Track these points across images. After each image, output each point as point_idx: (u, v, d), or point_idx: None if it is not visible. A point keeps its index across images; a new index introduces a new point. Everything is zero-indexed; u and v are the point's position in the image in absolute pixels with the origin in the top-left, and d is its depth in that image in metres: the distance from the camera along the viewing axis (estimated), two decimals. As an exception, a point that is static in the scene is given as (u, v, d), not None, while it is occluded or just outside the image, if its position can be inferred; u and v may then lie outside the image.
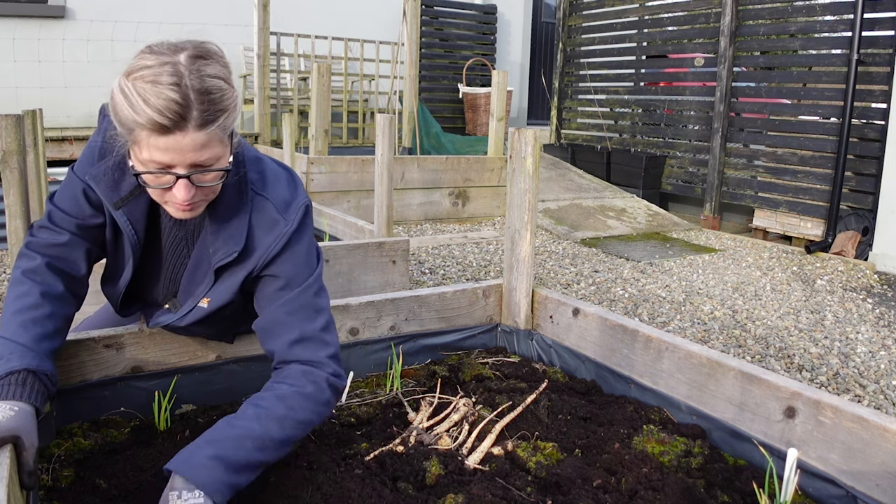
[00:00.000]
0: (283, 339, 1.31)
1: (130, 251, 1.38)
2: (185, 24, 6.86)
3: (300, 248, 1.34)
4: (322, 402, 1.28)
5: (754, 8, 5.49)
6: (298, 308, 1.32)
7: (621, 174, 6.49)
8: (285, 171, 1.43)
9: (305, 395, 1.25)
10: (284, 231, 1.32)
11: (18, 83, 6.21)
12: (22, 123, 2.09)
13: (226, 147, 1.19)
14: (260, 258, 1.32)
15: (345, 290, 2.72)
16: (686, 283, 3.85)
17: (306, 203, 1.37)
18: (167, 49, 1.13)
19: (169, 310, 1.49)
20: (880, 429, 1.23)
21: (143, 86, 1.07)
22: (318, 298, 1.36)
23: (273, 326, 1.33)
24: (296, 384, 1.26)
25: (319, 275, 1.38)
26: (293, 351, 1.30)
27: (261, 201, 1.33)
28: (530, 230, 1.98)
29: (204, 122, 1.10)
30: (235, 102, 1.18)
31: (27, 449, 1.09)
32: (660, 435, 1.49)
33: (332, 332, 1.36)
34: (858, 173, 4.78)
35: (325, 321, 1.35)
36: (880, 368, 2.72)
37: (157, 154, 1.11)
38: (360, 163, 5.00)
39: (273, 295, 1.34)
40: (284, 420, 1.20)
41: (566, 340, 1.93)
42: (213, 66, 1.14)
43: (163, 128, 1.08)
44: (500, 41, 9.13)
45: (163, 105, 1.06)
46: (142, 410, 1.55)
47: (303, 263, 1.35)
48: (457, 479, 1.34)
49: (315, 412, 1.26)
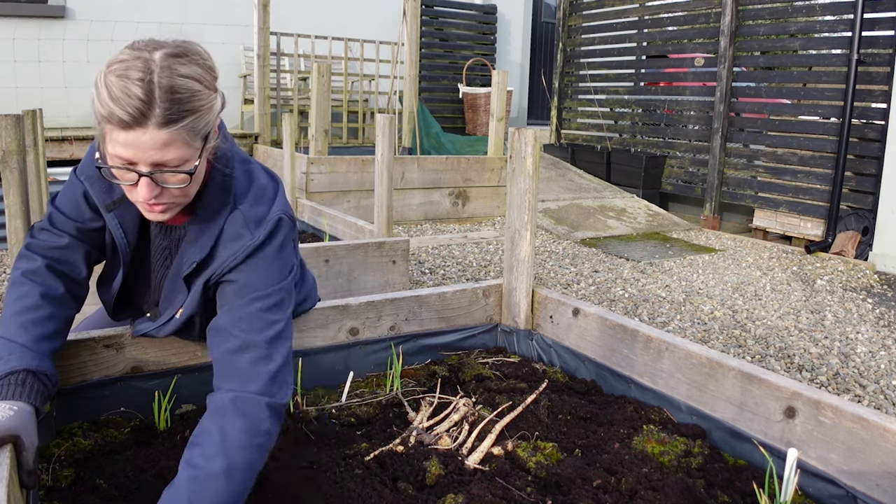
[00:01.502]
0: (223, 347, 1.23)
1: (120, 256, 1.38)
2: (185, 24, 6.86)
3: (263, 260, 1.28)
4: (261, 433, 1.15)
5: (754, 8, 5.49)
6: (247, 317, 1.24)
7: (621, 174, 6.49)
8: (271, 181, 1.39)
9: (241, 431, 1.12)
10: (248, 244, 1.27)
11: (18, 83, 6.21)
12: (22, 123, 2.09)
13: (194, 150, 1.15)
14: (218, 267, 1.29)
15: (345, 290, 2.72)
16: (686, 283, 3.85)
17: (279, 217, 1.31)
18: (146, 45, 1.12)
19: (149, 318, 1.49)
20: (880, 429, 1.23)
21: (113, 79, 1.07)
22: (273, 313, 1.27)
23: (218, 331, 1.25)
24: (229, 420, 1.13)
25: (283, 290, 1.30)
26: (231, 361, 1.21)
27: (235, 214, 1.29)
28: (530, 230, 1.98)
29: (167, 121, 1.08)
30: (210, 105, 1.14)
31: (27, 448, 1.09)
32: (660, 435, 1.49)
33: (280, 347, 1.25)
34: (858, 173, 4.78)
35: (274, 334, 1.25)
36: (880, 368, 2.72)
37: (119, 149, 1.10)
38: (360, 163, 5.00)
39: (225, 299, 1.28)
40: (229, 474, 1.07)
41: (566, 340, 1.93)
42: (189, 67, 1.11)
43: (123, 122, 1.06)
44: (500, 41, 9.13)
45: (125, 99, 1.05)
46: (142, 410, 1.55)
47: (264, 274, 1.28)
48: (457, 479, 1.34)
49: (255, 448, 1.13)
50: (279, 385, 1.22)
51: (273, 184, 1.39)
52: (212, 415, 1.15)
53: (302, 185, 4.80)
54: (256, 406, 1.17)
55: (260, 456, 1.14)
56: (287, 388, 1.24)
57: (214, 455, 1.08)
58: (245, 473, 1.11)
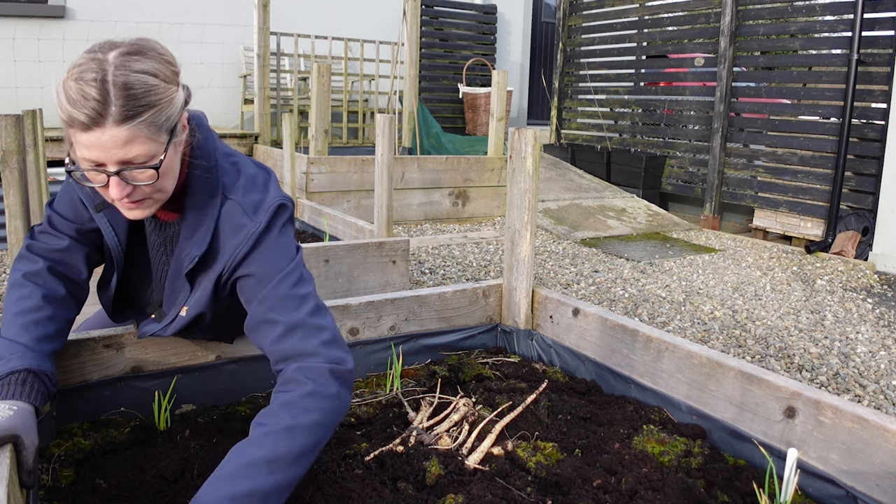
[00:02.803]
0: (269, 337, 1.25)
1: (113, 256, 1.38)
2: (184, 24, 6.86)
3: (271, 246, 1.29)
4: (328, 395, 1.18)
5: (754, 8, 5.49)
6: (278, 301, 1.26)
7: (621, 174, 6.49)
8: (261, 171, 1.39)
9: (307, 395, 1.16)
10: (252, 232, 1.27)
11: (18, 83, 6.21)
12: (22, 123, 2.09)
13: (158, 144, 1.13)
14: (227, 261, 1.28)
15: (345, 290, 2.72)
16: (686, 283, 3.85)
17: (279, 202, 1.31)
18: (102, 47, 1.12)
19: (154, 319, 1.49)
20: (880, 429, 1.23)
21: (70, 83, 1.07)
22: (299, 287, 1.28)
23: (257, 326, 1.27)
24: (294, 387, 1.18)
25: (298, 263, 1.31)
26: (283, 347, 1.24)
27: (229, 204, 1.29)
28: (530, 230, 1.98)
29: (124, 118, 1.07)
30: (170, 98, 1.13)
31: (27, 448, 1.09)
32: (660, 435, 1.49)
33: (323, 316, 1.28)
34: (858, 173, 4.78)
35: (312, 307, 1.27)
36: (880, 368, 2.72)
37: (84, 151, 1.10)
38: (360, 163, 5.00)
39: (251, 294, 1.29)
40: (292, 431, 1.12)
41: (566, 340, 1.93)
42: (145, 62, 1.11)
43: (83, 125, 1.07)
44: (500, 41, 9.13)
45: (81, 101, 1.05)
46: (142, 410, 1.55)
47: (276, 258, 1.29)
48: (457, 479, 1.34)
49: (323, 410, 1.17)
50: (337, 351, 1.24)
51: (263, 173, 1.38)
52: (281, 384, 1.20)
53: (302, 185, 4.80)
54: (320, 373, 1.20)
55: (328, 418, 1.17)
56: (346, 353, 1.26)
57: (278, 414, 1.13)
58: (308, 435, 1.13)
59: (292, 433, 1.12)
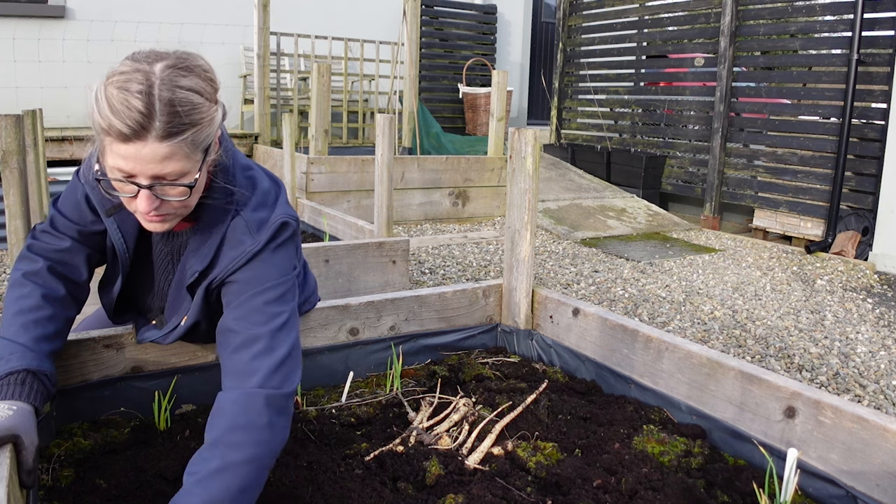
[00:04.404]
0: (228, 347, 1.21)
1: (119, 261, 1.38)
2: (184, 24, 6.86)
3: (263, 260, 1.28)
4: (259, 427, 1.12)
5: (754, 8, 5.49)
6: (247, 312, 1.23)
7: (621, 174, 6.49)
8: (274, 185, 1.38)
9: (236, 429, 1.10)
10: (249, 249, 1.27)
11: (18, 83, 6.21)
12: (22, 123, 2.09)
13: (194, 163, 1.14)
14: (220, 272, 1.28)
15: (345, 290, 2.72)
16: (686, 283, 3.85)
17: (281, 220, 1.30)
18: (147, 57, 1.11)
19: (155, 326, 1.49)
20: (880, 429, 1.23)
21: (113, 91, 1.06)
22: (275, 305, 1.25)
23: (222, 332, 1.24)
24: (223, 419, 1.12)
25: (284, 282, 1.29)
26: (233, 361, 1.20)
27: (237, 220, 1.29)
28: (530, 230, 1.98)
29: (167, 134, 1.07)
30: (211, 118, 1.13)
31: (26, 448, 1.09)
32: (660, 435, 1.49)
33: (285, 337, 1.23)
34: (858, 173, 4.78)
35: (279, 325, 1.23)
36: (880, 368, 2.72)
37: (119, 161, 1.09)
38: (360, 163, 5.00)
39: (228, 300, 1.27)
40: (223, 472, 1.05)
41: (566, 340, 1.93)
42: (191, 79, 1.11)
43: (123, 135, 1.06)
44: (500, 41, 9.13)
45: (125, 112, 1.05)
46: (142, 410, 1.55)
47: (263, 271, 1.27)
48: (457, 479, 1.34)
49: (254, 444, 1.10)
50: (282, 376, 1.19)
51: (275, 188, 1.38)
52: (211, 416, 1.14)
53: (302, 185, 4.80)
54: (254, 400, 1.14)
55: (260, 452, 1.10)
56: (292, 378, 1.21)
57: (208, 457, 1.07)
58: (247, 470, 1.08)
59: (223, 475, 1.05)
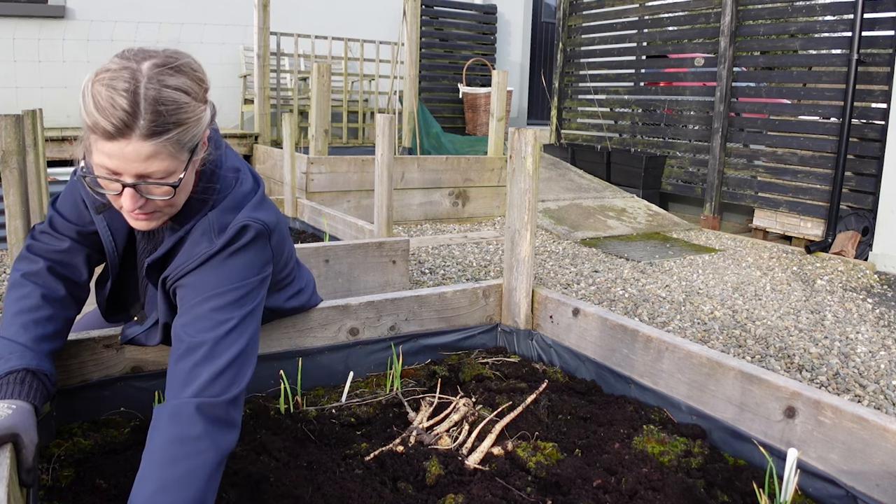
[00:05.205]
0: (173, 355, 1.17)
1: (108, 258, 1.38)
2: (184, 24, 6.86)
3: (217, 266, 1.23)
4: (192, 438, 1.05)
5: (754, 8, 5.49)
6: (194, 319, 1.18)
7: (621, 174, 6.49)
8: (254, 188, 1.34)
9: (171, 443, 1.05)
10: (203, 252, 1.23)
11: (18, 83, 6.21)
12: (22, 123, 2.09)
13: (179, 162, 1.13)
14: (174, 269, 1.25)
15: (345, 290, 2.72)
16: (686, 283, 3.85)
17: (242, 224, 1.25)
18: (136, 55, 1.10)
19: (136, 322, 1.49)
20: (880, 429, 1.23)
21: (100, 89, 1.06)
22: (226, 311, 1.19)
23: (172, 339, 1.20)
24: (156, 434, 1.06)
25: (238, 287, 1.23)
26: (174, 370, 1.15)
27: (204, 221, 1.26)
28: (530, 230, 1.98)
29: (151, 133, 1.06)
30: (198, 117, 1.12)
31: (26, 447, 1.09)
32: (660, 435, 1.49)
33: (227, 345, 1.16)
34: (858, 173, 4.78)
35: (226, 331, 1.17)
36: (880, 368, 2.72)
37: (104, 159, 1.09)
38: (360, 163, 5.00)
39: (180, 303, 1.23)
40: (164, 491, 1.00)
41: (566, 340, 1.93)
42: (178, 78, 1.10)
43: (107, 133, 1.05)
44: (500, 41, 9.13)
45: (110, 110, 1.04)
46: (142, 410, 1.55)
47: (217, 275, 1.22)
48: (457, 479, 1.34)
49: (191, 455, 1.04)
50: (222, 384, 1.13)
51: (254, 191, 1.33)
52: (149, 431, 1.08)
53: (302, 185, 4.80)
54: (185, 410, 1.08)
55: (197, 462, 1.04)
56: (233, 386, 1.14)
57: (146, 477, 1.02)
58: (185, 485, 1.01)
59: (164, 493, 1.00)
